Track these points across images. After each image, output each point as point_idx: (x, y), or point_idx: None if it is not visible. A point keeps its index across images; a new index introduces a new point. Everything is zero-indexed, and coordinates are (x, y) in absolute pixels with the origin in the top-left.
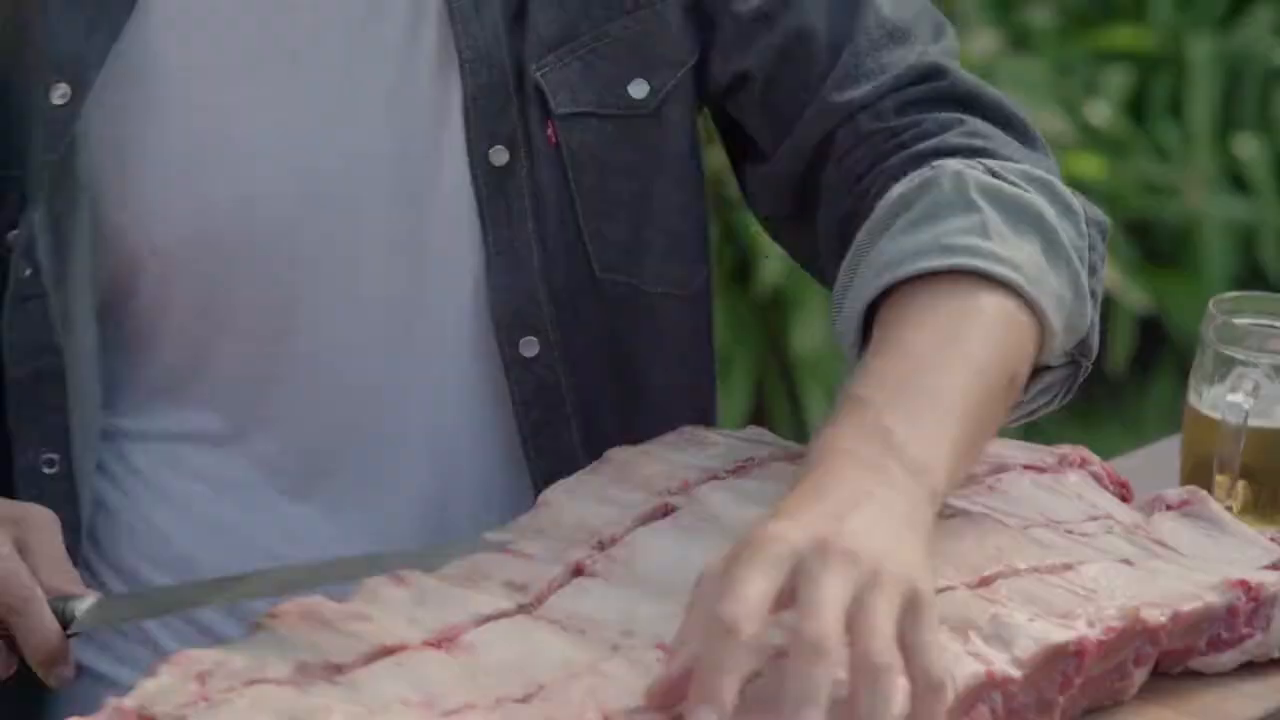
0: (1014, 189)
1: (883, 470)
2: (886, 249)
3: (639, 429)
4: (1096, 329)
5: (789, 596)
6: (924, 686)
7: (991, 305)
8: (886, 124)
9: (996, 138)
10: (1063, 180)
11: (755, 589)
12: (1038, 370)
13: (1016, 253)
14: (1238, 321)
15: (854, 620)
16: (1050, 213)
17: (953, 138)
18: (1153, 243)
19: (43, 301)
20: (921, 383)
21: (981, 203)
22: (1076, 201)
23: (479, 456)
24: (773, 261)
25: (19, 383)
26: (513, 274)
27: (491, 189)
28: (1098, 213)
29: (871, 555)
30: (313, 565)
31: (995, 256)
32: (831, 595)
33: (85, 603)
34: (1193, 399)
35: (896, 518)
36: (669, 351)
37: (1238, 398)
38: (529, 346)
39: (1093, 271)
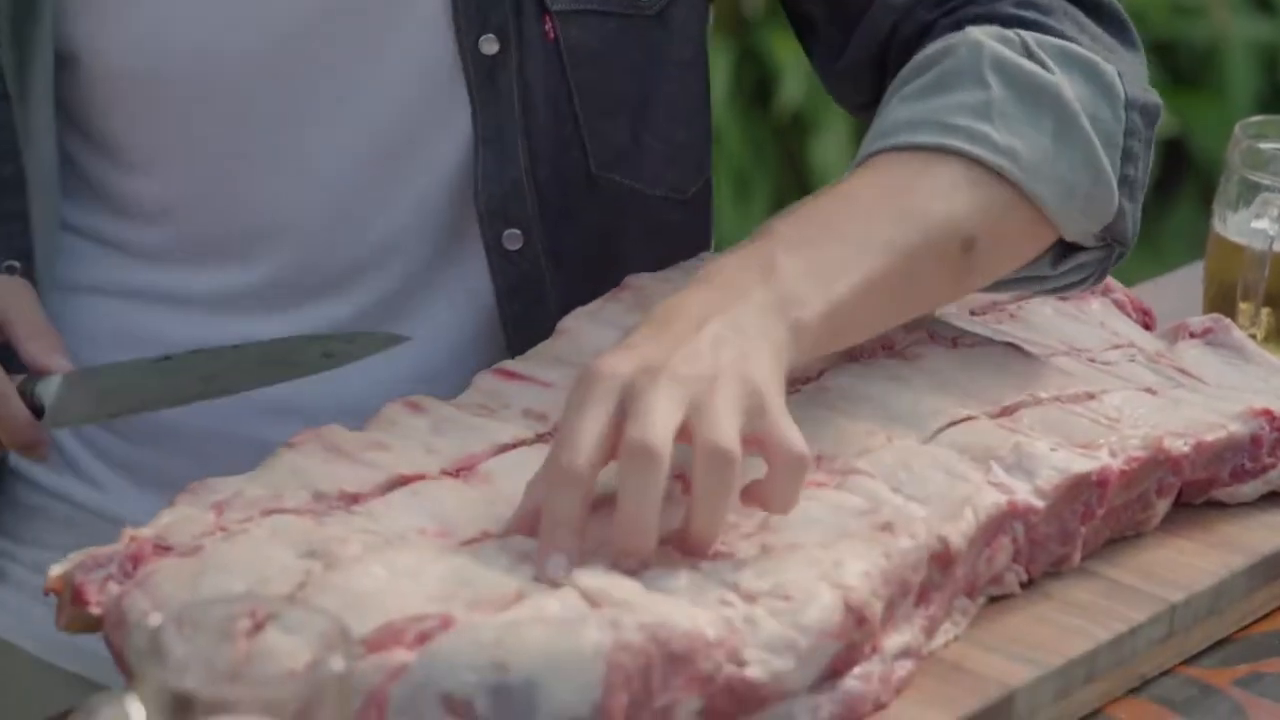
0: (1033, 67)
1: (744, 294)
2: (889, 115)
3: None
4: (1131, 216)
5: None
6: (783, 460)
7: (956, 171)
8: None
9: (1058, 13)
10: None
11: (586, 431)
12: (1070, 250)
13: (1015, 137)
14: (1263, 146)
15: (691, 424)
16: (1071, 94)
17: (1004, 7)
18: (1177, 64)
19: (5, 106)
20: (839, 226)
21: (992, 79)
22: (1121, 84)
23: (456, 340)
24: (791, 83)
25: None
26: (499, 164)
27: (481, 76)
28: (1150, 97)
29: (707, 370)
30: (261, 344)
31: (988, 141)
32: (660, 407)
33: (53, 384)
34: (1217, 225)
35: (744, 335)
36: (662, 255)
37: (1263, 224)
38: (512, 240)
39: (1128, 156)
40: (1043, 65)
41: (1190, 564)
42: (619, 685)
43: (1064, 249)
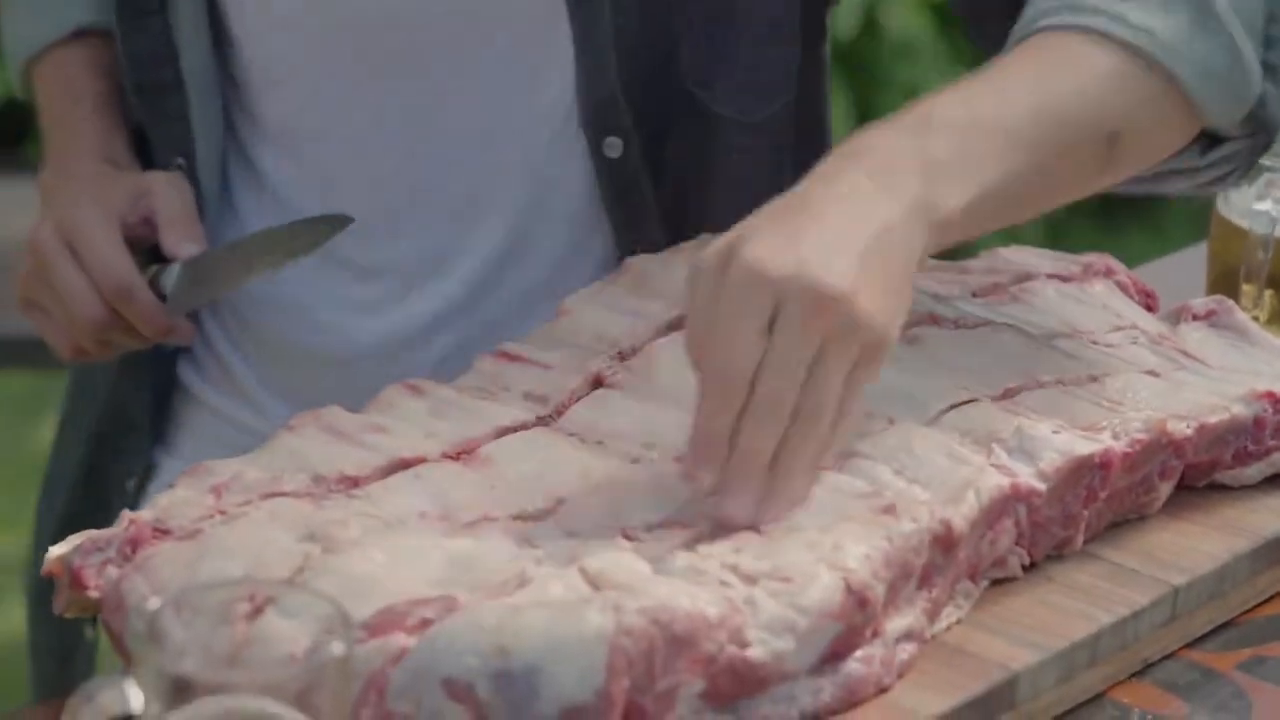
0: None
1: (895, 188)
2: (1029, 9)
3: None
4: (1276, 102)
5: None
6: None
7: (1100, 61)
8: None
9: None
10: None
11: (744, 343)
12: (1216, 140)
13: (1152, 18)
14: None
15: (810, 379)
16: None
17: None
18: None
19: (160, 18)
20: (987, 117)
21: None
22: None
23: (572, 249)
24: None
25: (143, 89)
26: (595, 75)
27: None
28: None
29: (840, 295)
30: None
31: (1122, 19)
32: (795, 358)
33: (174, 271)
34: (1220, 206)
35: (887, 258)
36: (740, 180)
37: (1266, 205)
38: (612, 148)
39: (1271, 43)
40: None
41: (1193, 547)
42: (622, 670)
43: (1210, 141)
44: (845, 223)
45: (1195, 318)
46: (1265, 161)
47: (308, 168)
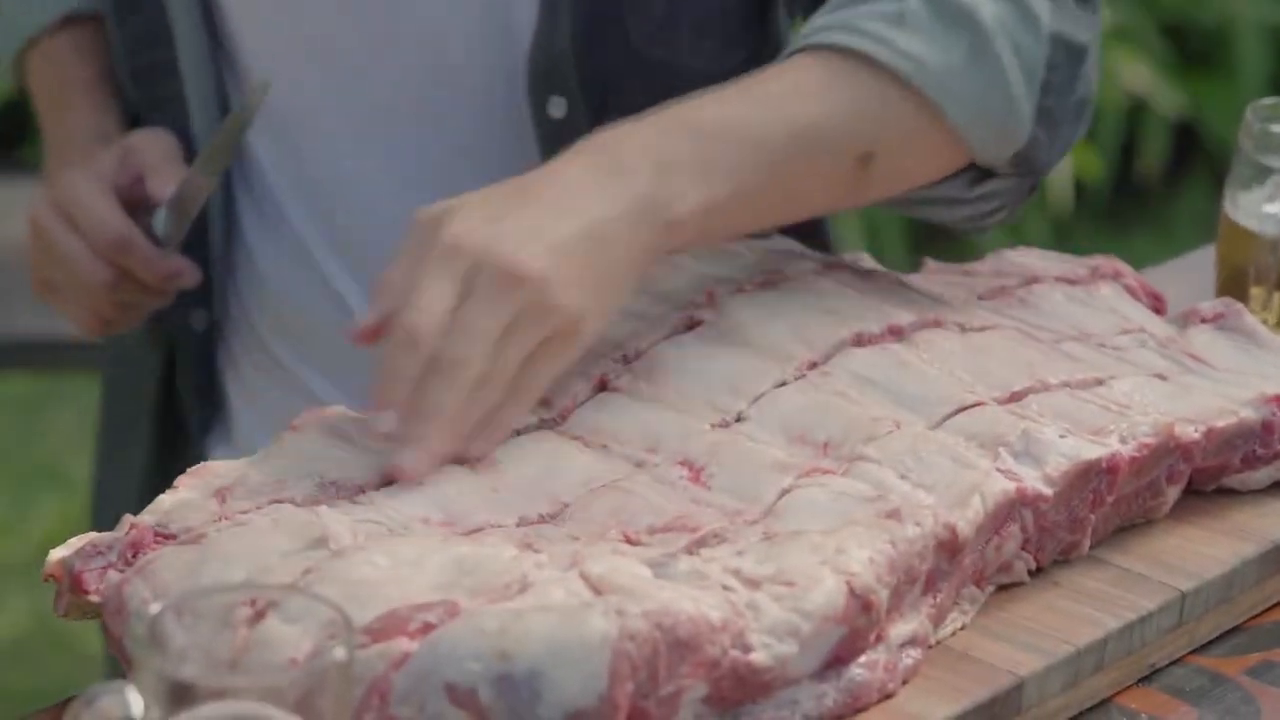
0: None
1: (627, 181)
2: (812, 21)
3: None
4: (1046, 147)
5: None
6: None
7: (862, 83)
8: None
9: None
10: None
11: (433, 302)
12: (984, 175)
13: (925, 48)
14: (1275, 129)
15: (492, 349)
16: (989, 15)
17: None
18: (1188, 45)
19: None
20: (736, 125)
21: None
22: (1048, 17)
23: None
24: None
25: (139, 73)
26: (545, 32)
27: None
28: (1078, 37)
29: (529, 276)
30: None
31: (891, 45)
32: (479, 326)
33: (160, 214)
34: (1228, 208)
35: (606, 247)
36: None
37: (1275, 207)
38: (557, 107)
39: (1047, 89)
40: None
41: (1201, 552)
42: (625, 674)
43: (979, 175)
44: (554, 212)
45: (1203, 321)
46: (1275, 164)
47: (292, 149)
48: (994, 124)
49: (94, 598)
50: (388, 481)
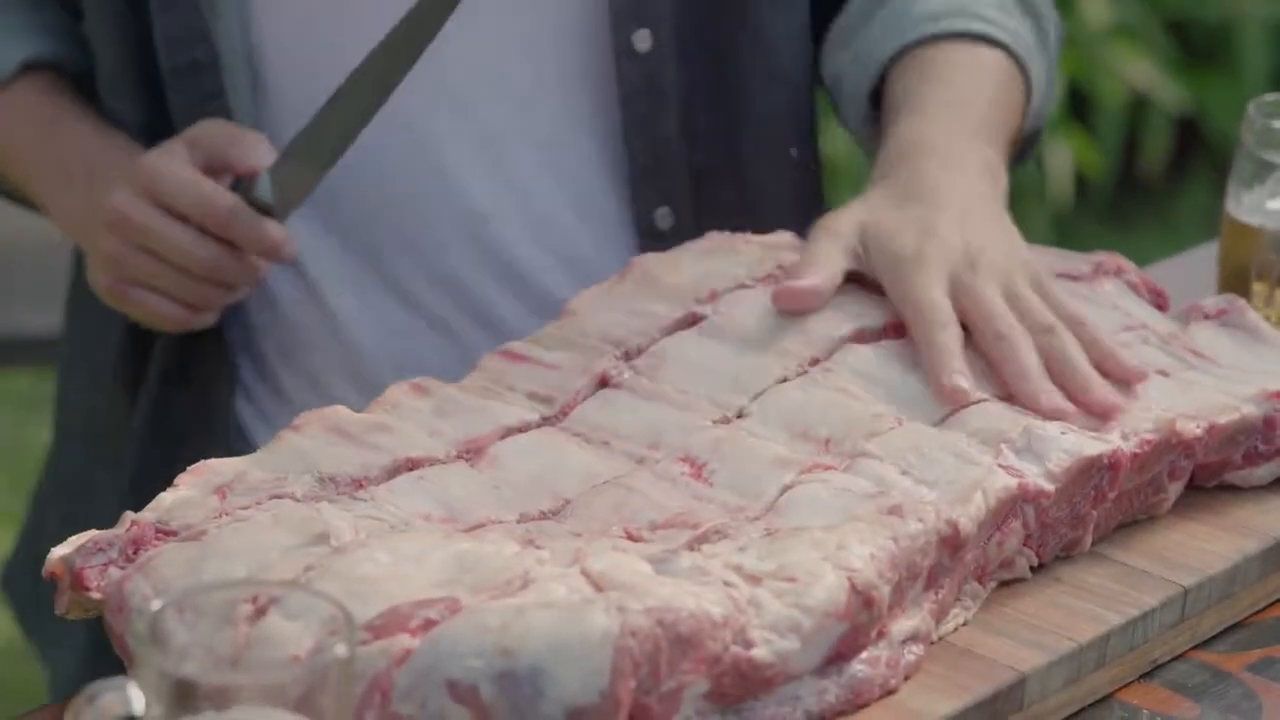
0: None
1: (972, 166)
2: (902, 11)
3: (741, 150)
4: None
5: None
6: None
7: (998, 65)
8: None
9: None
10: None
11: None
12: None
13: (1020, 29)
14: (1277, 125)
15: (1014, 309)
16: (1045, 6)
17: None
18: (1191, 42)
19: None
20: (966, 106)
21: None
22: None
23: (575, 147)
24: None
25: (178, 73)
26: None
27: None
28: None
29: (1000, 253)
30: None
31: (1004, 27)
32: (993, 298)
33: (265, 180)
34: (1231, 205)
35: (997, 208)
36: (774, 74)
37: (1277, 204)
38: (643, 40)
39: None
40: None
41: (1203, 548)
42: (627, 671)
43: None
44: (971, 209)
45: (1206, 317)
46: (1277, 160)
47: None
48: (1043, 97)
49: (95, 595)
50: (389, 476)
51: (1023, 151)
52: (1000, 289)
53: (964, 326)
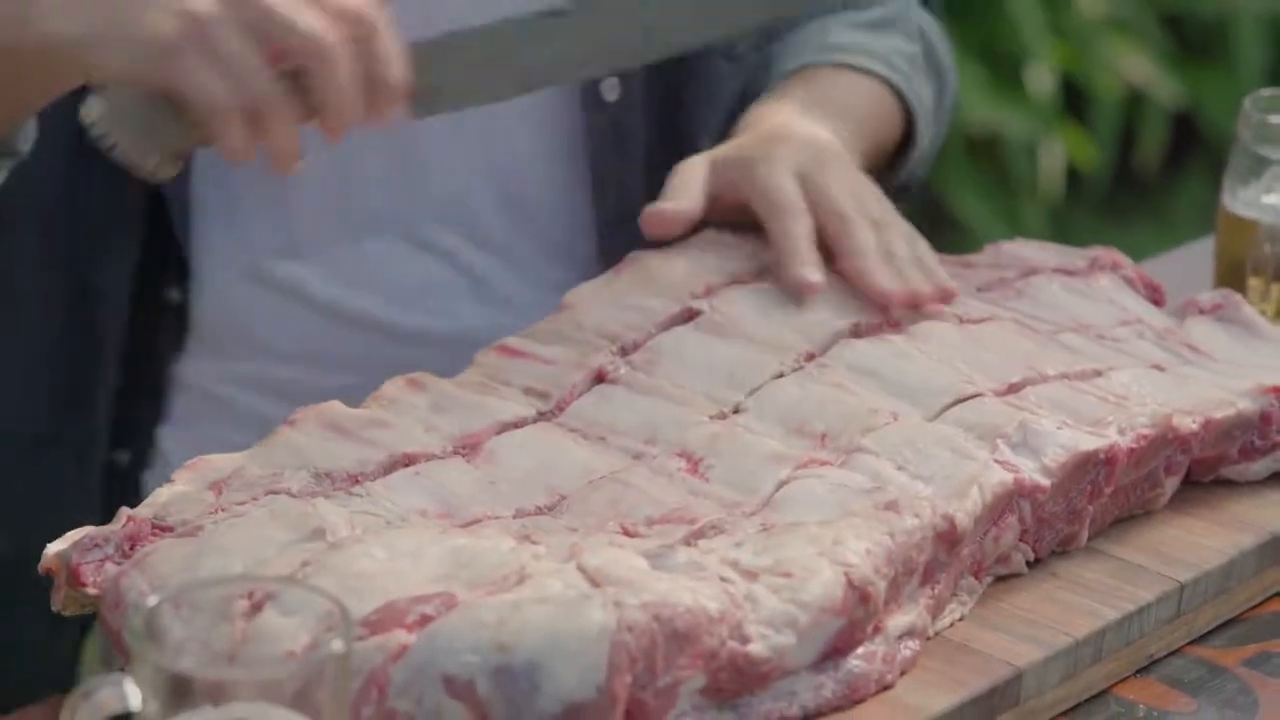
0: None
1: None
2: (831, 35)
3: None
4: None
5: None
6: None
7: (885, 99)
8: None
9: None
10: None
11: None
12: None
13: (923, 88)
14: (1273, 120)
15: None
16: (950, 72)
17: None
18: (1186, 36)
19: None
20: (830, 105)
21: (919, 39)
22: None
23: (545, 194)
24: None
25: None
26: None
27: None
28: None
29: (847, 171)
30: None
31: (910, 83)
32: (840, 190)
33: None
34: (1227, 200)
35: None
36: (718, 112)
37: (1273, 198)
38: (611, 90)
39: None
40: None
41: (1199, 543)
42: (623, 666)
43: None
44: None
45: (1202, 312)
46: (1274, 155)
47: None
48: (929, 153)
49: (91, 591)
50: (385, 472)
51: (898, 190)
52: (848, 187)
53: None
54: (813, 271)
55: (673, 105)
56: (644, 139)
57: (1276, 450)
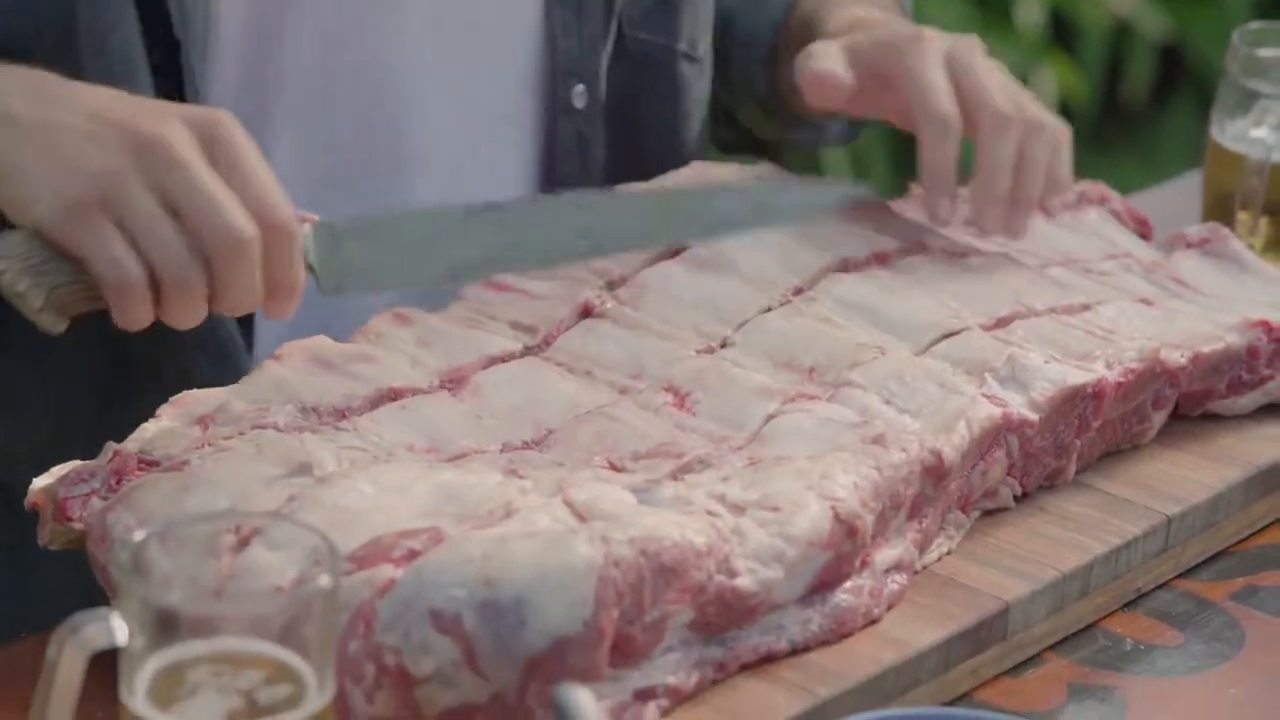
0: None
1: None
2: None
3: None
4: None
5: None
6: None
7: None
8: None
9: None
10: None
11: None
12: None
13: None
14: (1262, 53)
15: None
16: None
17: None
18: None
19: None
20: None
21: None
22: None
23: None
24: None
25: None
26: (577, 20)
27: None
28: None
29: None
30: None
31: None
32: (989, 79)
33: (307, 236)
34: (1215, 133)
35: None
36: (679, 148)
37: (1262, 132)
38: (580, 97)
39: None
40: None
41: (1186, 477)
42: (610, 600)
43: None
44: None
45: (1190, 245)
46: (1263, 88)
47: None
48: None
49: (77, 525)
50: (371, 406)
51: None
52: (999, 81)
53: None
54: (948, 207)
55: (633, 112)
56: (604, 146)
57: (1264, 384)
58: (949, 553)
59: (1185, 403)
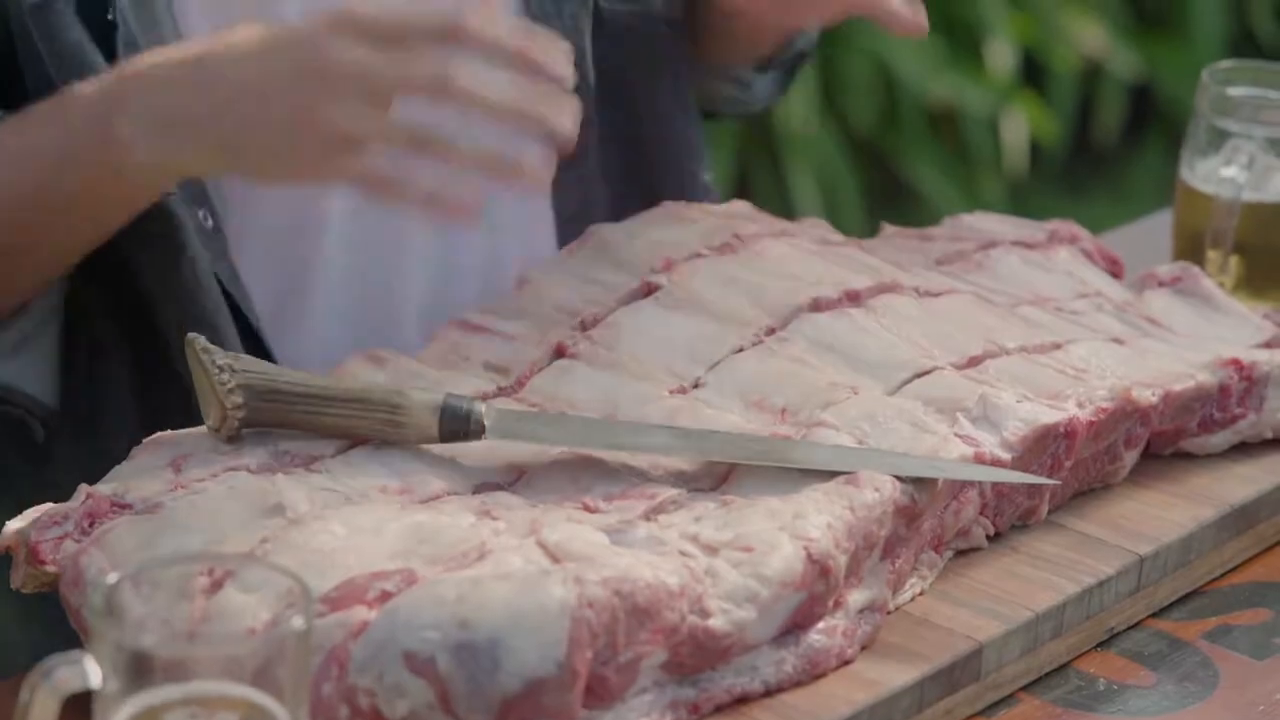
0: None
1: None
2: None
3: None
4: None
5: None
6: None
7: None
8: None
9: None
10: None
11: None
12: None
13: None
14: (1231, 92)
15: None
16: None
17: None
18: (1144, 6)
19: None
20: None
21: None
22: None
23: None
24: None
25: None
26: (555, 3)
27: None
28: None
29: None
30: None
31: None
32: None
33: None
34: (1185, 172)
35: None
36: (663, 81)
37: (1231, 171)
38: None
39: None
40: None
41: (1159, 516)
42: (584, 641)
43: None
44: None
45: (1161, 284)
46: (1232, 127)
47: None
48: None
49: (50, 568)
50: (344, 449)
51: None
52: None
53: None
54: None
55: (620, 83)
56: (597, 124)
57: (1235, 423)
58: (922, 593)
59: (1157, 442)
